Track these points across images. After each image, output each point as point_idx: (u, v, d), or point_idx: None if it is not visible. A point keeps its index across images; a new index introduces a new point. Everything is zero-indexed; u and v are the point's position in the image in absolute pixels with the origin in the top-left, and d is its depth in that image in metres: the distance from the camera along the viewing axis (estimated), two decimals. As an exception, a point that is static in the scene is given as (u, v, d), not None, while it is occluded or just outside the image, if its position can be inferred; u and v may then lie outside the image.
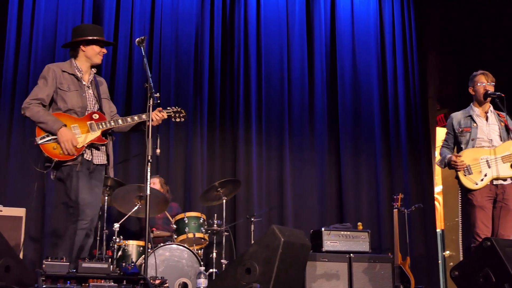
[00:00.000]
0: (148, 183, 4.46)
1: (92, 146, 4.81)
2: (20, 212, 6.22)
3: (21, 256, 5.95)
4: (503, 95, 5.53)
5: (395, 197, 7.56)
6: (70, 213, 4.66)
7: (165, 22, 8.09)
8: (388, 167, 8.99)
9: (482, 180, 5.43)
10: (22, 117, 4.93)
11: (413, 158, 9.17)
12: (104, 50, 5.05)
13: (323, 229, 6.89)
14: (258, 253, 4.62)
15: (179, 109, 5.22)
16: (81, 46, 4.98)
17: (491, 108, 5.69)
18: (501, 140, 5.53)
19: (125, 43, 7.78)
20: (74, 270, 3.85)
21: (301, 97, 8.70)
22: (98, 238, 6.02)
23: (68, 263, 3.87)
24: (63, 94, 4.81)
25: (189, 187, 7.75)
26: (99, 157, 4.87)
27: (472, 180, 5.48)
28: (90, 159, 4.79)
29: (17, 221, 6.17)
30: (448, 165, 5.64)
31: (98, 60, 5.03)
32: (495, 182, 5.43)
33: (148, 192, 4.42)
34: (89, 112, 4.86)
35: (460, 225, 8.88)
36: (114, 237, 5.98)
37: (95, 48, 4.98)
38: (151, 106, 4.54)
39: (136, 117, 4.95)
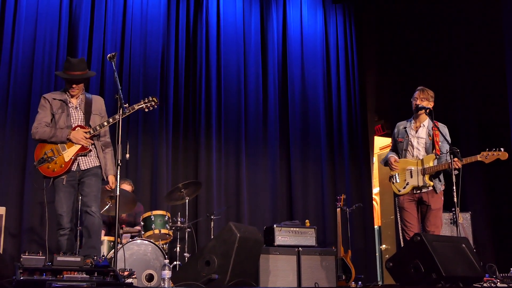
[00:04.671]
0: (118, 184, 4.43)
1: (79, 155, 4.87)
2: (1, 210, 6.09)
3: (1, 250, 5.84)
4: (430, 107, 5.60)
5: (338, 197, 7.63)
6: (56, 221, 4.81)
7: (135, 40, 8.02)
8: (332, 171, 9.10)
9: (404, 188, 5.61)
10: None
11: (354, 163, 9.29)
12: (73, 86, 4.93)
13: (275, 225, 6.91)
14: (216, 247, 4.64)
15: (150, 99, 5.16)
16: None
17: (427, 121, 5.64)
18: (426, 153, 5.60)
19: (98, 59, 7.66)
20: (50, 263, 3.79)
21: (255, 109, 8.74)
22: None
23: (44, 257, 3.80)
24: (55, 117, 4.91)
25: (155, 188, 7.70)
26: (86, 163, 4.92)
27: (397, 187, 5.67)
28: (75, 169, 4.87)
29: (-3, 218, 6.06)
30: (386, 163, 5.80)
31: (71, 92, 4.99)
32: (415, 191, 5.57)
33: (118, 192, 4.40)
34: (73, 127, 4.90)
35: (396, 222, 9.02)
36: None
37: (66, 84, 5.02)
38: (121, 115, 4.55)
39: (105, 123, 4.92)
